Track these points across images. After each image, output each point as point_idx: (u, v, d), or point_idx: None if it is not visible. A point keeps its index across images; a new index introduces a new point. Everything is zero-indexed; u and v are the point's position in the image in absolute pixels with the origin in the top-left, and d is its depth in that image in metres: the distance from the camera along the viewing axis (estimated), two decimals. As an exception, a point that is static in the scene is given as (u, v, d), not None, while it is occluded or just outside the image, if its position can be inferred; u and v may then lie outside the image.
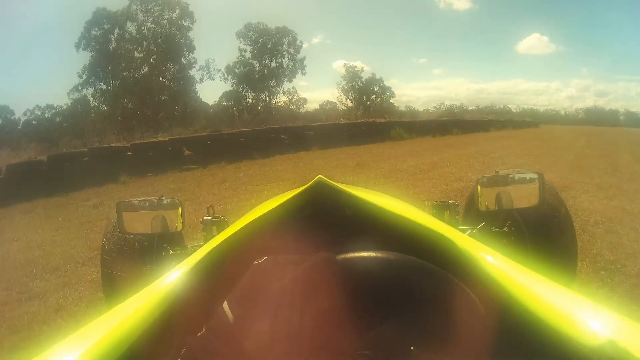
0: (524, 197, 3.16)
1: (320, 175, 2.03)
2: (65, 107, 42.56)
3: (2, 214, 12.46)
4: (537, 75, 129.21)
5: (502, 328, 1.43)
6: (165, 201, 3.20)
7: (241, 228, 1.80)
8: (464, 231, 2.51)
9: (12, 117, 44.94)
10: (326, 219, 2.10)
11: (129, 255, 3.68)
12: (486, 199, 3.10)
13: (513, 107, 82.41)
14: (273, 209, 1.93)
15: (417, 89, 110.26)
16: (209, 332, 1.64)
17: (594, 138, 32.80)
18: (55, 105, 43.65)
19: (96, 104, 41.77)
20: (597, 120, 78.86)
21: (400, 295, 1.94)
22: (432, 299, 1.80)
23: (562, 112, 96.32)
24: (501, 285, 1.36)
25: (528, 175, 3.29)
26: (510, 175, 3.28)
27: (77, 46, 40.41)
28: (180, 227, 3.09)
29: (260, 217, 1.87)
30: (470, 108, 65.17)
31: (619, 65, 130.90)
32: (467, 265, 1.56)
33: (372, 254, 1.98)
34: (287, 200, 2.00)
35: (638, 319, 1.08)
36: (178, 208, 3.09)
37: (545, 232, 3.65)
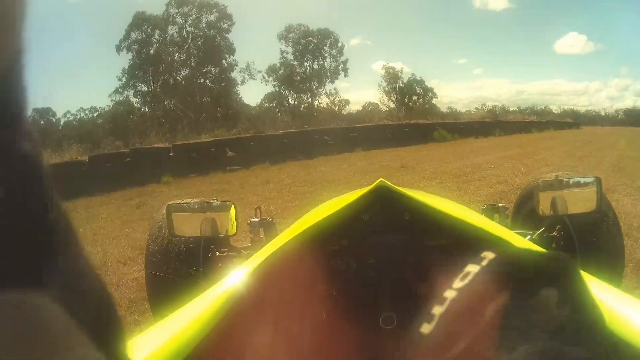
0: (580, 202, 3.08)
1: (381, 179, 1.97)
2: (107, 109, 43.17)
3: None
4: (576, 76, 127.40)
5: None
6: (215, 203, 3.13)
7: (302, 232, 1.75)
8: (523, 236, 2.43)
9: (54, 119, 45.69)
10: (385, 224, 2.06)
11: (174, 257, 3.64)
12: (542, 204, 3.01)
13: (554, 108, 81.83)
14: (332, 213, 1.87)
15: (459, 89, 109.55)
16: (271, 334, 1.61)
17: (635, 139, 32.38)
18: (98, 107, 44.32)
19: (138, 105, 42.25)
20: (637, 121, 78.05)
21: None
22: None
23: (603, 113, 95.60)
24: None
25: (585, 180, 3.20)
26: (567, 180, 3.20)
27: (118, 49, 40.93)
28: (232, 230, 2.98)
29: (319, 222, 1.81)
30: (512, 109, 64.80)
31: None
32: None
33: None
34: (348, 205, 1.93)
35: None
36: (229, 210, 3.00)
37: (594, 237, 3.57)
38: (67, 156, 19.29)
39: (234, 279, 1.54)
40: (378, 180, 1.96)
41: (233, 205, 3.02)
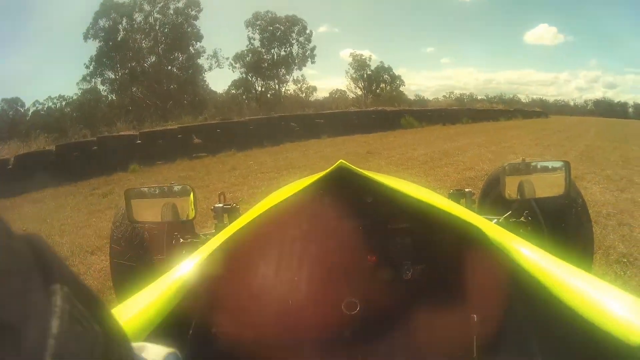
0: (548, 186, 3.08)
1: (342, 161, 1.94)
2: (75, 97, 42.90)
3: (10, 204, 12.51)
4: (546, 66, 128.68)
5: (537, 319, 1.37)
6: (176, 188, 3.08)
7: (257, 216, 1.72)
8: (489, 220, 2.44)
9: (22, 109, 45.44)
10: (346, 207, 2.03)
11: (138, 245, 3.62)
12: (509, 188, 3.01)
13: (522, 97, 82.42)
14: (291, 196, 1.84)
15: (427, 78, 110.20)
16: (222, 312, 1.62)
17: (604, 129, 32.61)
18: (66, 96, 44.09)
19: (105, 93, 42.01)
20: (606, 112, 78.90)
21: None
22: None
23: (572, 103, 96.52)
24: (534, 276, 1.28)
25: (553, 164, 3.20)
26: (534, 164, 3.19)
27: (85, 37, 40.63)
28: (192, 215, 2.97)
29: (277, 205, 1.79)
30: (479, 97, 65.26)
31: (628, 57, 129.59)
32: (497, 254, 1.48)
33: None
34: (306, 187, 1.91)
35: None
36: (190, 195, 2.99)
37: (562, 223, 3.59)
38: (34, 146, 19.05)
39: (191, 263, 1.54)
40: (338, 162, 1.94)
41: (192, 190, 3.00)
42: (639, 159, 14.89)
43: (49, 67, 75.44)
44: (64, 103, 43.92)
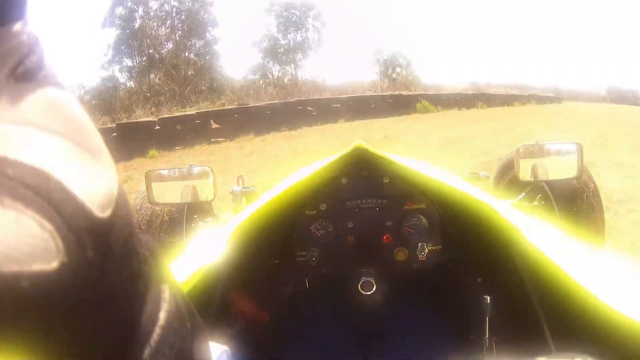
0: (561, 168, 3.08)
1: (359, 142, 1.94)
2: (95, 85, 42.90)
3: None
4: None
5: (549, 300, 1.37)
6: (195, 170, 3.09)
7: (277, 197, 1.70)
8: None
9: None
10: (364, 187, 2.08)
11: (157, 227, 3.65)
12: (523, 170, 3.01)
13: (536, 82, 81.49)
14: (309, 177, 1.83)
15: (442, 61, 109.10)
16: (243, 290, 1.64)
17: (617, 116, 31.65)
18: (85, 85, 44.08)
19: (124, 80, 41.95)
20: (617, 98, 78.04)
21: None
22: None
23: (585, 89, 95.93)
24: (548, 258, 1.27)
25: (566, 146, 3.18)
26: (547, 146, 3.18)
27: (103, 25, 40.59)
28: (212, 196, 2.97)
29: (295, 185, 1.77)
30: (494, 82, 64.49)
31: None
32: (511, 236, 1.46)
33: None
34: (325, 168, 1.91)
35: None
36: (209, 176, 3.00)
37: (574, 207, 3.60)
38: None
39: (213, 242, 1.49)
40: (356, 143, 1.93)
41: (212, 171, 3.02)
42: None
43: (69, 56, 75.47)
44: (82, 91, 43.92)
